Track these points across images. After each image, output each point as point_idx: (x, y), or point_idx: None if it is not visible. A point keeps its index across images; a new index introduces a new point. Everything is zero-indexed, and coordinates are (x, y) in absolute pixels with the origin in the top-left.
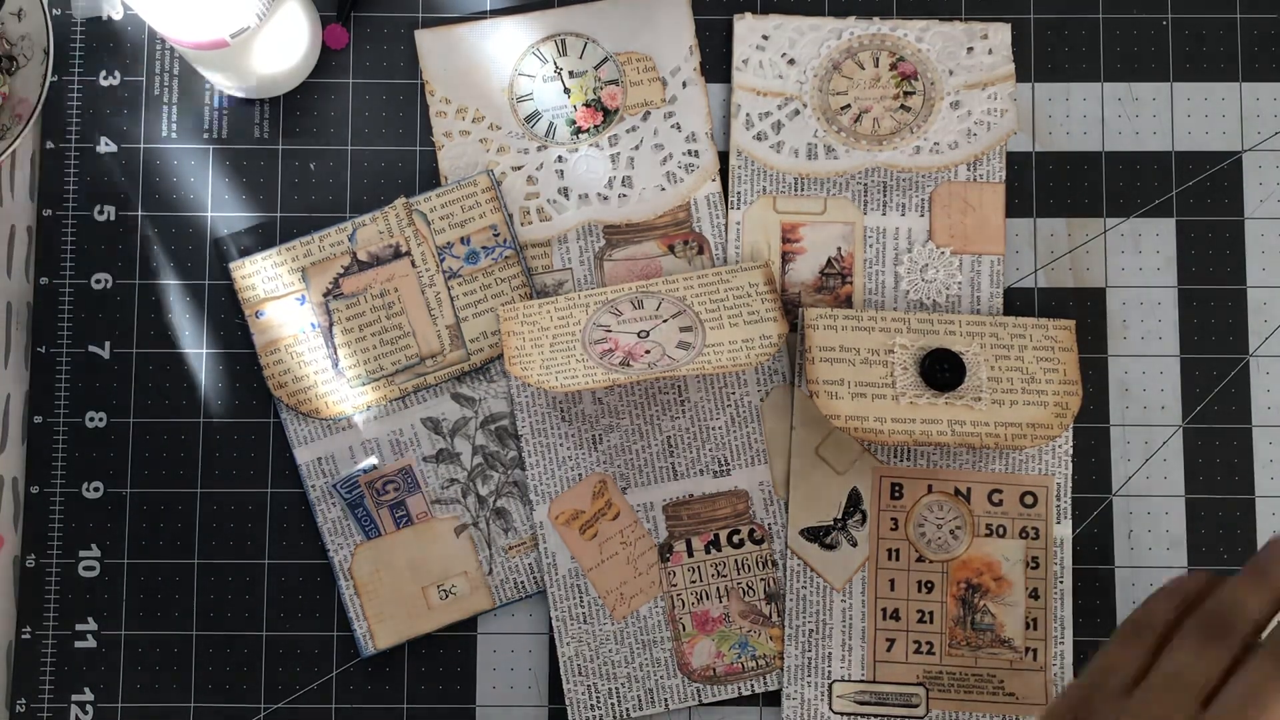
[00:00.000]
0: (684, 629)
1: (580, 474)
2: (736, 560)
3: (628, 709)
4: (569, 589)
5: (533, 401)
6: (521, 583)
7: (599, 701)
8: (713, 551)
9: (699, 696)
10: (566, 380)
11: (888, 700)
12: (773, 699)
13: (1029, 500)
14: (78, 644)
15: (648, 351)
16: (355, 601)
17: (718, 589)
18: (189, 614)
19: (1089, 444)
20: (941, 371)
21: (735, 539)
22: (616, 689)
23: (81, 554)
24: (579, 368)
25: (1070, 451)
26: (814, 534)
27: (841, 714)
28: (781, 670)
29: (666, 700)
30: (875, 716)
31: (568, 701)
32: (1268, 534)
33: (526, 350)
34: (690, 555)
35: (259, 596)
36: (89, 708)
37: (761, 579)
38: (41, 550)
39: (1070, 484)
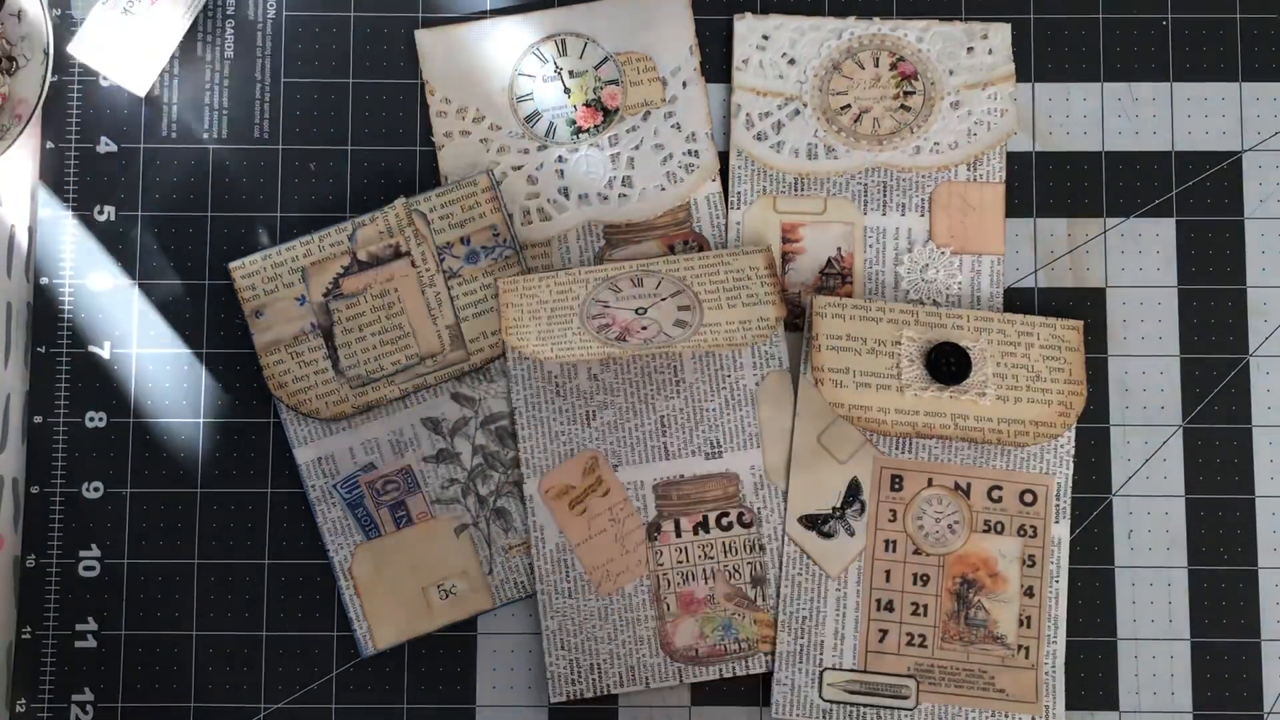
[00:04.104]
0: (668, 608)
1: (572, 449)
2: (724, 543)
3: (609, 684)
4: (556, 563)
5: (528, 375)
6: (521, 583)
7: (580, 676)
8: (701, 533)
9: (681, 676)
10: (562, 351)
11: (878, 691)
12: (753, 681)
13: (1028, 498)
14: (78, 644)
15: (644, 328)
16: (355, 601)
17: (704, 570)
18: (189, 614)
19: (1089, 444)
20: (947, 365)
21: (724, 521)
22: (598, 664)
23: (81, 554)
24: (575, 340)
25: (1071, 451)
26: (812, 522)
27: (831, 702)
28: (764, 654)
29: (648, 678)
30: (865, 706)
31: (549, 675)
32: (1268, 534)
33: (524, 321)
34: (678, 536)
35: (259, 596)
36: (89, 708)
37: (748, 562)
38: (41, 550)
39: (1070, 483)
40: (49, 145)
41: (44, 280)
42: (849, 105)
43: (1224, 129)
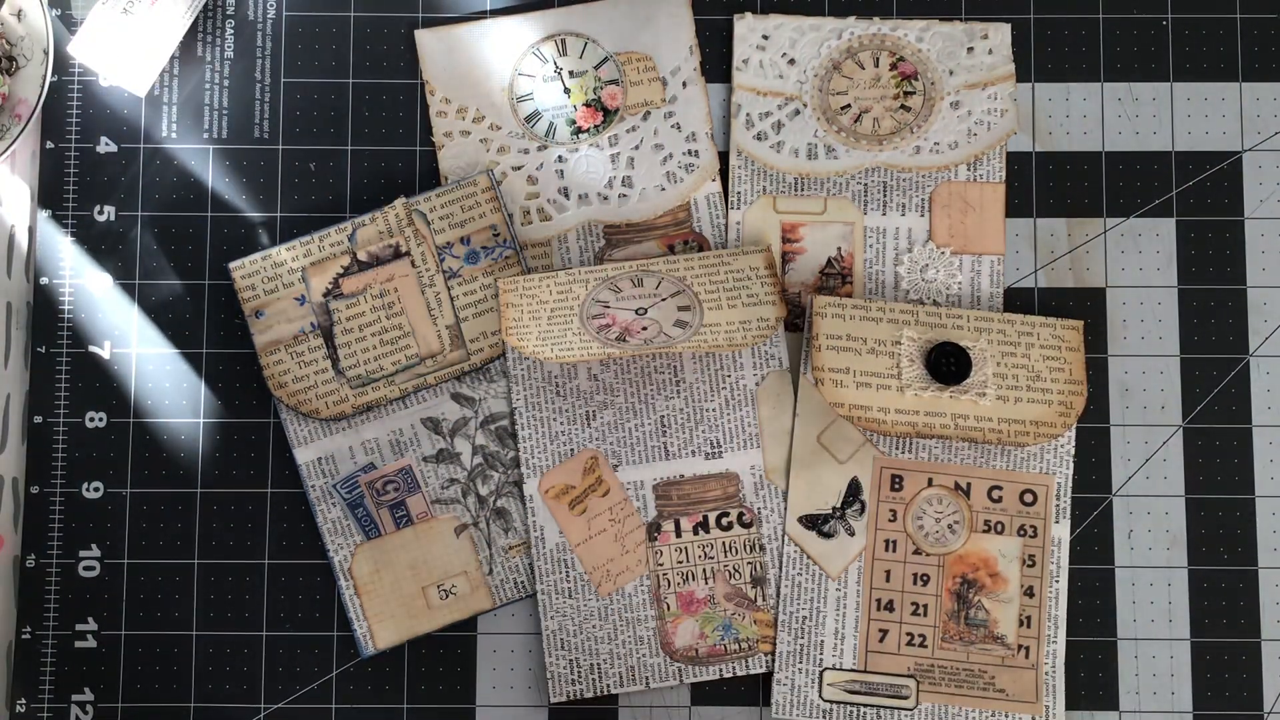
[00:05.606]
0: (668, 608)
1: (572, 449)
2: (724, 543)
3: (609, 684)
4: (556, 563)
5: (528, 375)
6: (521, 583)
7: (580, 676)
8: (701, 533)
9: (681, 676)
10: (562, 352)
11: (878, 691)
12: (753, 681)
13: (1028, 498)
14: (78, 644)
15: (645, 328)
16: (355, 601)
17: (704, 570)
18: (189, 614)
19: (1089, 444)
20: (947, 365)
21: (724, 521)
22: (598, 664)
23: (81, 554)
24: (575, 340)
25: (1072, 451)
26: (812, 522)
27: (831, 702)
28: (764, 654)
29: (648, 678)
30: (865, 706)
31: (549, 675)
32: (1268, 534)
33: (524, 322)
34: (678, 535)
35: (259, 596)
36: (89, 708)
37: (748, 562)
38: (41, 550)
39: (1070, 484)
40: (49, 145)
41: (44, 280)
42: (849, 105)
43: (1224, 129)
